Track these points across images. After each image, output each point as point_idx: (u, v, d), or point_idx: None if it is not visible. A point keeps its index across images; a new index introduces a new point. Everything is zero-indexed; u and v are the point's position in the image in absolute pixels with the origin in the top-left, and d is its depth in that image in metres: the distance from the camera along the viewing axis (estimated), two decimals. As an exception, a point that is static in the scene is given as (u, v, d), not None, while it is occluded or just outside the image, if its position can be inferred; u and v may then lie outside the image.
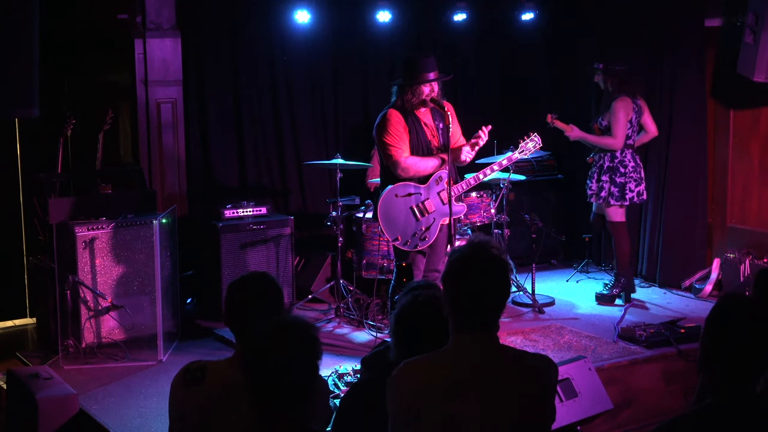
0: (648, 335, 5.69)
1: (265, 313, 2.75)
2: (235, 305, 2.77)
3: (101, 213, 5.96)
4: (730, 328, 2.41)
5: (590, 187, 6.71)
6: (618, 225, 6.71)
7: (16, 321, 6.88)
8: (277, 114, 7.52)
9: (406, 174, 5.35)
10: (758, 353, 2.38)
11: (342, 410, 3.13)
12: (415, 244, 5.38)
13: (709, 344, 2.44)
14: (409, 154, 5.35)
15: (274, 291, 2.80)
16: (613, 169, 6.60)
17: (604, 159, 6.64)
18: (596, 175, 6.68)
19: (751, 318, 2.41)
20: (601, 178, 6.64)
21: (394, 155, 5.32)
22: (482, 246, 2.59)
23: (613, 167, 6.60)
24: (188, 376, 2.78)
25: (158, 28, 6.96)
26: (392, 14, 7.45)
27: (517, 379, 2.54)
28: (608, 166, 6.61)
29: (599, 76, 6.71)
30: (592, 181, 6.70)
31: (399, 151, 5.32)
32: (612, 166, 6.60)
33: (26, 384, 4.65)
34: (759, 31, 6.33)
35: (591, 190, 6.71)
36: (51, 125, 6.57)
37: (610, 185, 6.59)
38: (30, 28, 4.92)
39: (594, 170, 6.71)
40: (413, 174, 5.35)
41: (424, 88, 5.34)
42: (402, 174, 5.35)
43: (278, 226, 6.71)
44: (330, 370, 5.05)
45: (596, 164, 6.70)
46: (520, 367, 2.57)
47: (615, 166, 6.59)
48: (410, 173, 5.35)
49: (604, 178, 6.63)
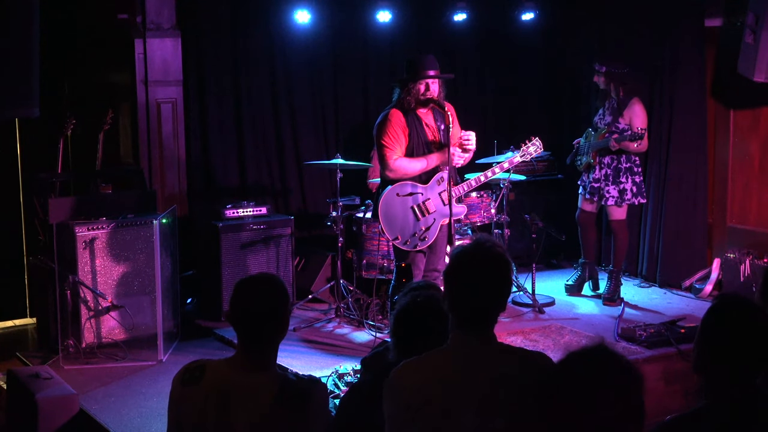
0: (648, 335, 5.69)
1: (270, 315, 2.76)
2: (240, 304, 2.77)
3: (101, 213, 5.96)
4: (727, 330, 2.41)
5: (607, 191, 6.64)
6: (623, 222, 6.80)
7: (16, 321, 6.88)
8: (277, 114, 7.52)
9: (394, 175, 5.37)
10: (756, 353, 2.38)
11: (342, 410, 3.13)
12: (414, 244, 5.38)
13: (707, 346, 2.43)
14: (400, 156, 5.35)
15: (282, 293, 2.80)
16: (630, 169, 6.65)
17: (618, 160, 6.63)
18: (612, 177, 6.65)
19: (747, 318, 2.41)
20: (619, 180, 6.63)
21: (386, 156, 5.35)
22: (486, 244, 2.59)
23: (630, 167, 6.65)
24: (186, 376, 2.78)
25: (158, 28, 6.96)
26: (392, 14, 7.45)
27: (517, 378, 2.54)
28: (626, 167, 6.64)
29: (600, 78, 6.71)
30: (608, 184, 6.64)
31: (391, 152, 5.35)
32: (629, 167, 6.65)
33: (26, 384, 4.65)
34: (759, 31, 6.32)
35: (609, 194, 6.64)
36: (51, 125, 6.58)
37: (631, 185, 6.64)
38: (30, 28, 4.92)
39: (605, 173, 6.66)
40: (401, 175, 5.37)
41: (420, 86, 5.34)
42: (390, 175, 5.38)
43: (278, 226, 6.71)
44: (330, 370, 5.05)
45: (607, 166, 6.65)
46: (519, 365, 2.57)
47: (630, 166, 6.66)
48: (398, 174, 5.37)
49: (623, 179, 6.63)
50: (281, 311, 2.79)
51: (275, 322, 2.77)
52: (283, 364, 2.87)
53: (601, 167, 6.68)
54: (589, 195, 6.78)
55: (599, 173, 6.69)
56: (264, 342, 2.76)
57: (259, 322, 2.74)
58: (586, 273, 7.06)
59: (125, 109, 7.28)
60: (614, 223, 6.79)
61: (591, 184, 6.74)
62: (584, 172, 6.85)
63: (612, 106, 6.71)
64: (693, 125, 7.12)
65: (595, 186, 6.72)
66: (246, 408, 2.67)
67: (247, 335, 2.76)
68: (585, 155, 6.79)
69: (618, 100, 6.67)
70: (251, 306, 2.76)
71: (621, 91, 6.65)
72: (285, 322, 2.81)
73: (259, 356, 2.76)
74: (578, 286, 7.05)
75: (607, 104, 6.77)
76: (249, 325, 2.75)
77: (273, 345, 2.79)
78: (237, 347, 2.82)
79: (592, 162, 6.72)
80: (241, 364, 2.75)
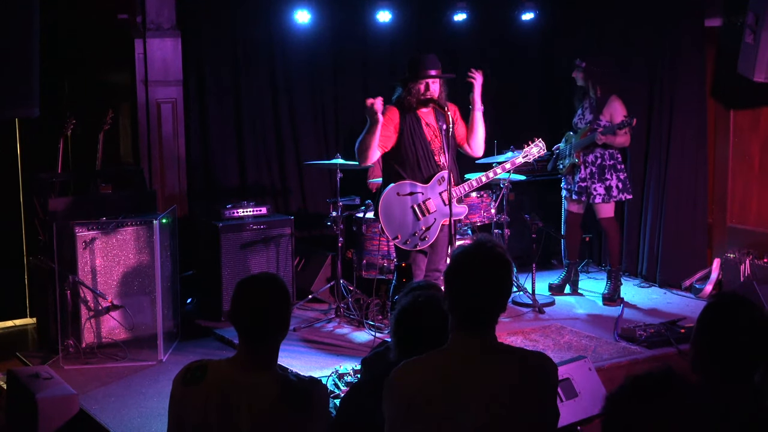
0: (648, 335, 5.69)
1: (272, 315, 2.76)
2: (241, 304, 2.77)
3: (101, 213, 5.96)
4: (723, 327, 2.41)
5: (594, 189, 6.70)
6: (612, 219, 6.86)
7: (16, 321, 6.88)
8: (277, 114, 7.52)
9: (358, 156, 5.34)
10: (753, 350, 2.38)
11: (342, 410, 3.13)
12: (414, 244, 5.38)
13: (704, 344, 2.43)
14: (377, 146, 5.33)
15: (283, 293, 2.80)
16: (614, 166, 6.73)
17: (602, 158, 6.69)
18: (597, 175, 6.70)
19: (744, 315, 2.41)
20: (605, 177, 6.68)
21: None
22: (487, 244, 2.59)
23: (613, 164, 6.72)
24: (188, 376, 2.78)
25: (158, 28, 6.96)
26: (392, 14, 7.45)
27: (517, 377, 2.54)
28: (610, 164, 6.70)
29: (579, 74, 6.81)
30: (594, 182, 6.70)
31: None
32: (613, 164, 6.72)
33: (26, 384, 4.65)
34: (759, 31, 6.32)
35: (596, 191, 6.70)
36: (51, 125, 6.58)
37: (616, 182, 6.70)
38: (30, 28, 4.91)
39: (590, 171, 6.72)
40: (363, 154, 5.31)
41: (420, 86, 5.34)
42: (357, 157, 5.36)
43: (278, 226, 6.71)
44: (330, 370, 5.05)
45: (592, 164, 6.71)
46: (519, 365, 2.57)
47: (614, 163, 6.73)
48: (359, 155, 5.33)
49: (608, 176, 6.69)
50: (282, 311, 2.80)
51: (276, 321, 2.77)
52: (283, 364, 2.87)
53: (586, 166, 6.74)
54: (576, 195, 6.83)
55: (584, 172, 6.75)
56: (265, 342, 2.76)
57: (260, 322, 2.74)
58: (571, 274, 7.11)
59: (125, 109, 7.28)
60: (604, 221, 6.86)
61: (578, 184, 6.78)
62: (568, 175, 6.92)
63: (591, 104, 6.80)
64: (693, 125, 7.12)
65: (582, 185, 6.76)
66: (248, 407, 2.68)
67: (248, 335, 2.76)
68: (568, 157, 6.84)
69: (596, 98, 6.75)
70: (252, 305, 2.76)
71: (598, 89, 6.74)
72: (286, 322, 2.81)
73: (260, 356, 2.76)
74: (561, 286, 7.11)
75: (585, 103, 6.85)
76: (250, 324, 2.75)
77: (274, 345, 2.79)
78: (238, 347, 2.82)
79: (576, 162, 6.76)
80: (243, 364, 2.75)
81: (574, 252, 7.11)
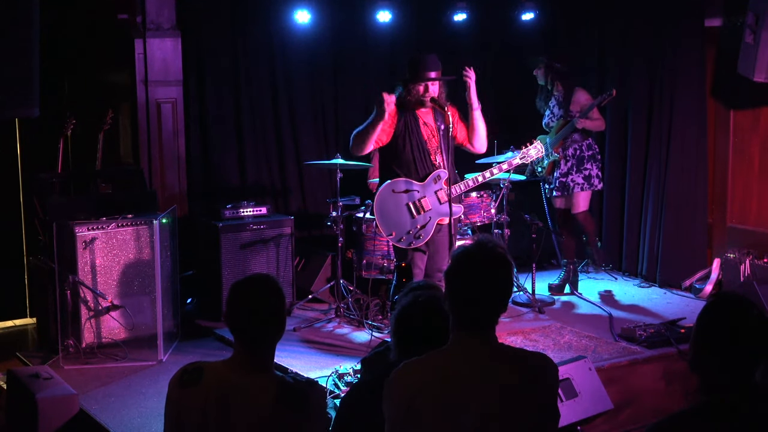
0: (648, 335, 5.69)
1: (267, 316, 2.75)
2: (236, 306, 2.77)
3: (101, 213, 5.96)
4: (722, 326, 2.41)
5: (572, 180, 6.82)
6: (586, 213, 6.98)
7: (16, 321, 6.89)
8: (277, 114, 7.52)
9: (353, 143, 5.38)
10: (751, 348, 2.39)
11: (342, 411, 3.13)
12: (409, 242, 5.37)
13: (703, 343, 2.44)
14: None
15: (277, 294, 2.80)
16: (593, 156, 6.88)
17: (581, 149, 6.82)
18: (576, 166, 6.82)
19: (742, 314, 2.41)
20: (584, 167, 6.81)
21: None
22: (488, 244, 2.59)
23: (593, 154, 6.87)
24: (185, 378, 2.77)
25: (158, 28, 6.96)
26: (392, 14, 7.45)
27: (518, 378, 2.54)
28: (589, 155, 6.85)
29: (539, 71, 6.94)
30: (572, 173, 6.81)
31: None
32: (592, 154, 6.87)
33: (26, 384, 4.65)
34: (759, 31, 6.32)
35: (575, 182, 6.83)
36: (51, 125, 6.58)
37: (597, 171, 6.85)
38: (30, 28, 4.91)
39: (569, 163, 6.82)
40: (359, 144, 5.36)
41: (419, 87, 5.34)
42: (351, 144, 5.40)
43: (278, 226, 6.71)
44: (330, 370, 5.04)
45: (572, 157, 6.82)
46: (519, 366, 2.57)
47: (593, 153, 6.88)
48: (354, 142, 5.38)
49: (588, 165, 6.82)
50: (277, 311, 2.79)
51: (272, 322, 2.77)
52: (283, 364, 2.88)
53: (566, 160, 6.83)
54: (558, 192, 6.89)
55: (565, 167, 6.85)
56: (261, 343, 2.76)
57: (255, 324, 2.73)
58: (570, 273, 7.12)
59: (125, 108, 7.28)
60: (579, 215, 6.95)
61: (559, 179, 6.87)
62: (549, 175, 6.99)
63: (558, 101, 6.93)
64: (693, 125, 7.12)
65: (563, 180, 6.86)
66: (246, 409, 2.67)
67: (243, 337, 2.76)
68: (546, 157, 6.86)
69: (561, 93, 6.89)
70: (246, 307, 2.75)
71: (558, 85, 6.89)
72: (282, 322, 2.81)
73: (256, 357, 2.75)
74: (561, 286, 7.11)
75: (552, 102, 6.97)
76: (245, 326, 2.75)
77: (270, 345, 2.79)
78: (234, 349, 2.82)
79: (557, 158, 6.83)
80: (240, 366, 2.75)
81: (571, 251, 7.11)
